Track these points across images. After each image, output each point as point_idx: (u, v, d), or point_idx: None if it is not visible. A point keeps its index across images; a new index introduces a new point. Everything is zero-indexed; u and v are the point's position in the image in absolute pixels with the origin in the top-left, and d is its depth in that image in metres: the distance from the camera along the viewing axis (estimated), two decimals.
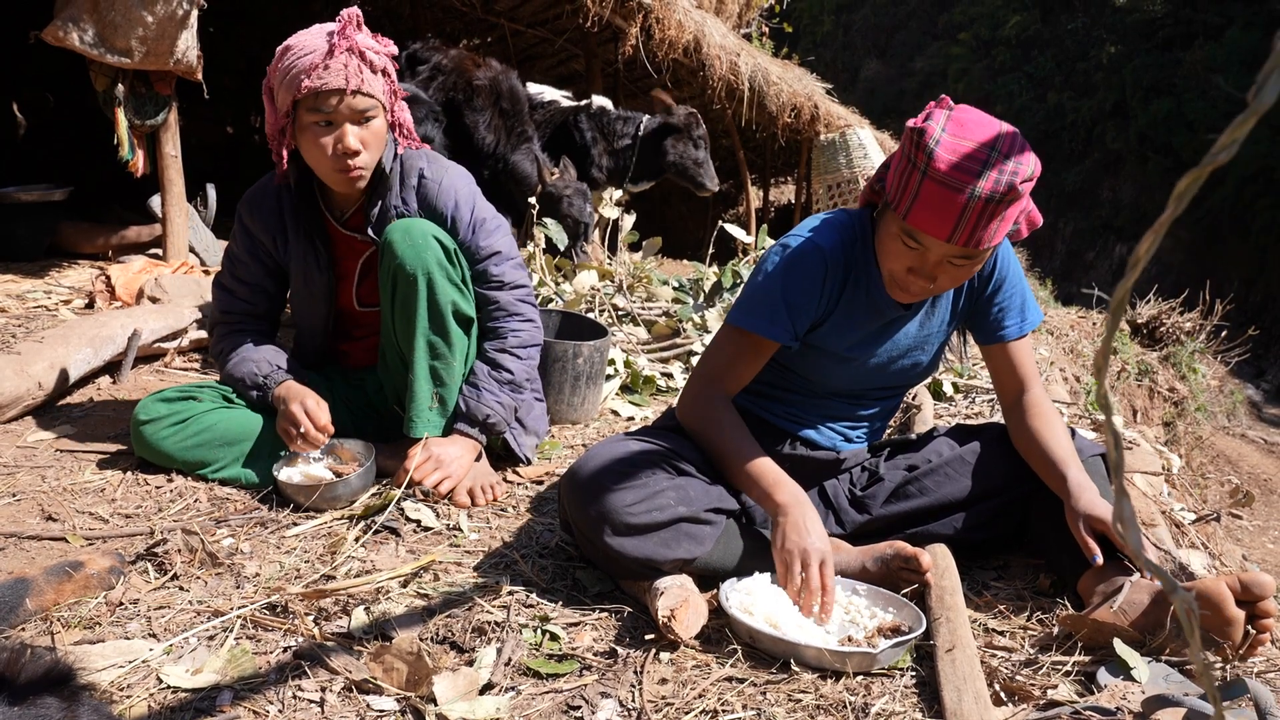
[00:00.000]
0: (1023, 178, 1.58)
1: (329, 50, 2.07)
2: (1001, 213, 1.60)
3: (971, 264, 1.69)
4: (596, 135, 5.73)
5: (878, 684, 1.49)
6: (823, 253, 1.85)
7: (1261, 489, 9.65)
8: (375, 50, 2.14)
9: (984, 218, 1.59)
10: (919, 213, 1.63)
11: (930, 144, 1.59)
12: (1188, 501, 3.77)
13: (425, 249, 2.18)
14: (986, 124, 1.62)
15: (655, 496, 1.69)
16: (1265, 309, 21.72)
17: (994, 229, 1.62)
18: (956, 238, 1.61)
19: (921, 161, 1.60)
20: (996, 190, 1.56)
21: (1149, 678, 1.45)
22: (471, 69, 4.82)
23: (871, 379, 2.00)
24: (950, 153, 1.58)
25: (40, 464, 2.31)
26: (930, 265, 1.70)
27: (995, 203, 1.58)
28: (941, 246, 1.65)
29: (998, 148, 1.58)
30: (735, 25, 10.08)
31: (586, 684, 1.45)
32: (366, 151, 2.17)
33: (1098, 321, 8.84)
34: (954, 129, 1.61)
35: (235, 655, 1.48)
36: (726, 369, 1.89)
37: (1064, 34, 31.86)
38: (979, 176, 1.56)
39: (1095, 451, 1.95)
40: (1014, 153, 1.59)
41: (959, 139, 1.59)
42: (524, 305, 2.40)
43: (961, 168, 1.57)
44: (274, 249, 2.38)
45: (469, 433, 2.30)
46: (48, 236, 4.59)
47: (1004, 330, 1.96)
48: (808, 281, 1.84)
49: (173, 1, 3.76)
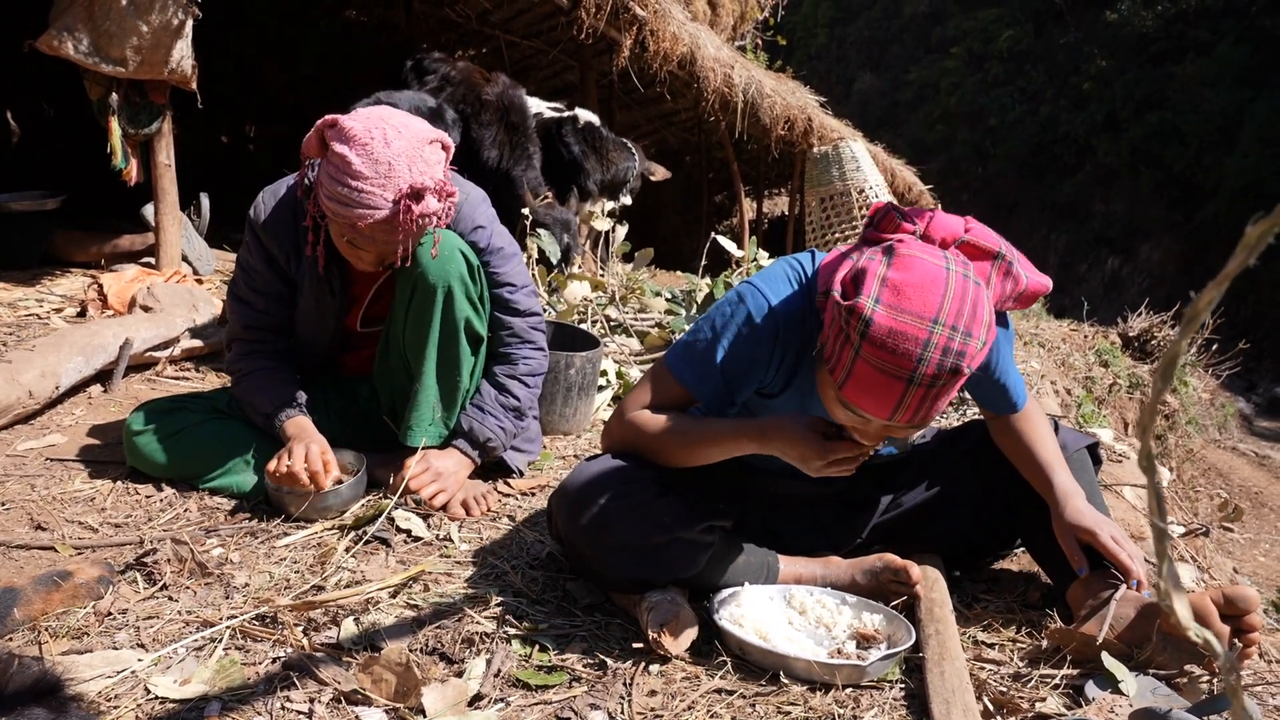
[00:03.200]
0: (970, 356, 1.40)
1: (393, 223, 1.96)
2: (948, 391, 1.43)
3: (912, 434, 1.59)
4: (587, 150, 5.73)
5: (867, 696, 1.49)
6: (774, 319, 1.70)
7: (1253, 502, 9.67)
8: (436, 216, 2.01)
9: (928, 400, 1.42)
10: (853, 391, 1.45)
11: (861, 325, 1.40)
12: (1178, 515, 3.78)
13: (450, 261, 2.18)
14: (930, 285, 1.41)
15: (646, 511, 1.69)
16: (1256, 322, 21.80)
17: (936, 408, 1.45)
18: (898, 418, 1.44)
19: (854, 339, 1.42)
20: (940, 374, 1.39)
21: (1136, 691, 1.46)
22: (480, 83, 4.83)
23: None
24: (885, 334, 1.39)
25: (30, 473, 2.30)
26: (873, 431, 1.52)
27: (939, 386, 1.41)
28: (880, 423, 1.48)
29: (942, 320, 1.38)
30: (729, 38, 10.12)
31: (576, 696, 1.45)
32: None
33: (1089, 334, 8.87)
34: (890, 297, 1.40)
35: (224, 666, 1.48)
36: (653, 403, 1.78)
37: (1056, 48, 32.04)
38: (920, 361, 1.38)
39: (1080, 444, 1.92)
40: (962, 320, 1.40)
41: (896, 314, 1.39)
42: (535, 333, 2.42)
43: (899, 352, 1.38)
44: (286, 264, 2.31)
45: (467, 452, 2.30)
46: (41, 245, 4.57)
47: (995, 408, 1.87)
48: (753, 350, 1.71)
49: (168, 11, 3.76)
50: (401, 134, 1.96)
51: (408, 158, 1.94)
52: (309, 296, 2.33)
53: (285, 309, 2.37)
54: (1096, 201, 29.36)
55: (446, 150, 2.09)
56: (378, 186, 1.92)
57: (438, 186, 1.99)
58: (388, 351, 2.36)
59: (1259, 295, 22.56)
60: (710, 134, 11.88)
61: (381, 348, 2.38)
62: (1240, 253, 0.43)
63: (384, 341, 2.37)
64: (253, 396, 2.28)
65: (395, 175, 1.93)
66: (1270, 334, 21.83)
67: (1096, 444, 1.97)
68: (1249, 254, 0.43)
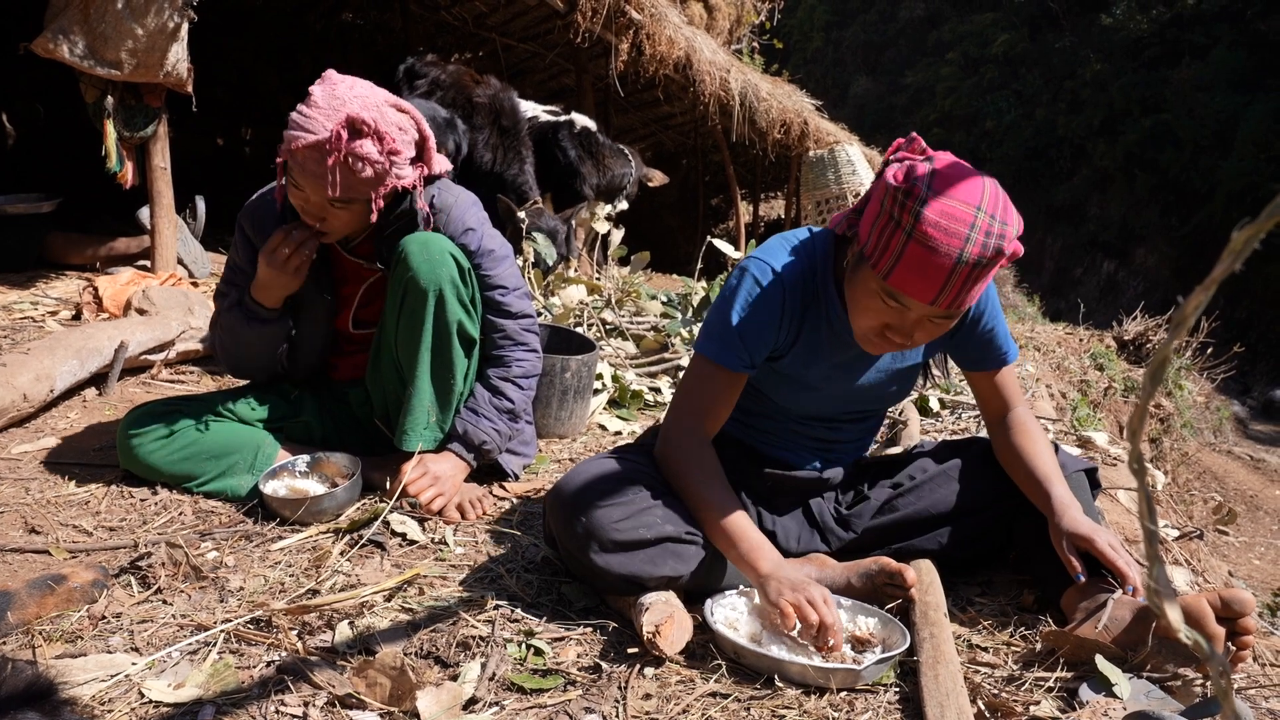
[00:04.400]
0: (1010, 239, 1.54)
1: (323, 148, 2.00)
2: (987, 274, 1.56)
3: (949, 322, 1.64)
4: (583, 155, 5.74)
5: (861, 700, 1.49)
6: (780, 281, 1.81)
7: (1247, 505, 9.69)
8: (369, 160, 2.04)
9: (970, 280, 1.54)
10: (902, 274, 1.56)
11: (916, 205, 1.53)
12: (1172, 518, 3.79)
13: (441, 265, 2.18)
14: (971, 181, 1.56)
15: (641, 514, 1.70)
16: (1251, 325, 21.87)
17: (978, 290, 1.58)
18: (941, 300, 1.56)
19: (907, 222, 1.54)
20: (984, 255, 1.52)
21: (1130, 694, 1.46)
22: (471, 86, 4.84)
23: (843, 405, 2.00)
24: (938, 215, 1.52)
25: (24, 476, 2.29)
26: (909, 324, 1.63)
27: (982, 266, 1.53)
28: (923, 308, 1.59)
29: (984, 208, 1.53)
30: (726, 42, 10.14)
31: (571, 699, 1.45)
32: (333, 225, 2.15)
33: (1084, 338, 8.89)
34: (940, 185, 1.54)
35: (218, 670, 1.47)
36: (702, 406, 1.83)
37: (1051, 52, 32.14)
38: (967, 241, 1.51)
39: (1079, 467, 1.96)
40: (999, 211, 1.54)
41: (946, 199, 1.53)
42: (529, 335, 2.41)
43: (950, 231, 1.51)
44: None
45: (463, 455, 2.30)
46: (36, 247, 4.57)
47: (986, 361, 1.95)
48: (763, 312, 1.80)
49: (163, 14, 3.76)
50: (374, 91, 2.07)
51: (363, 102, 2.03)
52: (301, 299, 2.34)
53: None
54: (1092, 205, 29.44)
55: (425, 138, 2.17)
56: (322, 114, 2.00)
57: (379, 133, 2.04)
58: (379, 355, 2.36)
59: (1253, 299, 22.63)
60: (706, 137, 11.90)
61: (374, 351, 2.39)
62: (1226, 258, 0.43)
63: (376, 345, 2.37)
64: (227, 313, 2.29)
65: (343, 109, 2.00)
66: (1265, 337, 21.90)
67: (1095, 469, 1.98)
68: (1235, 259, 0.43)
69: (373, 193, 2.10)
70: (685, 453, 1.81)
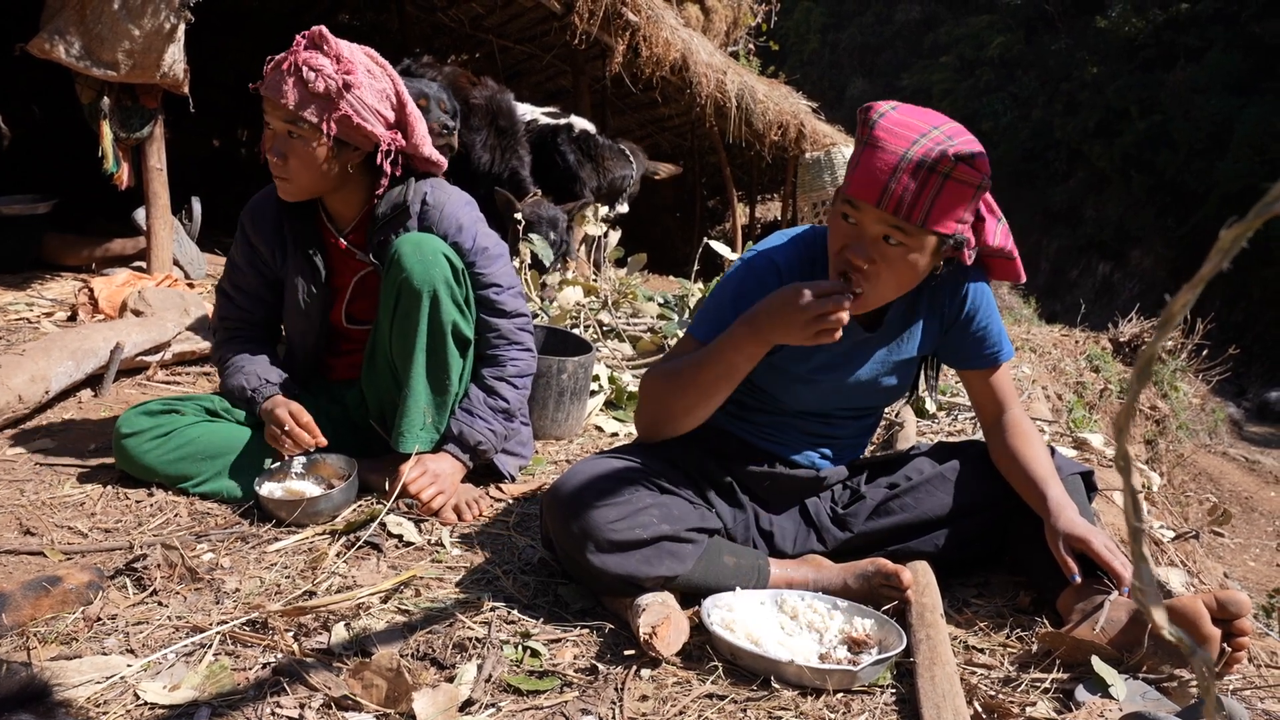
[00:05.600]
0: (956, 154, 1.57)
1: (279, 62, 2.12)
2: (934, 186, 1.58)
3: (903, 245, 1.64)
4: (582, 158, 5.74)
5: (858, 701, 1.49)
6: (777, 267, 1.86)
7: (1243, 506, 9.71)
8: (322, 73, 2.11)
9: (914, 183, 1.58)
10: (854, 179, 1.64)
11: (874, 118, 1.63)
12: (1167, 519, 3.79)
13: (434, 265, 2.18)
14: (938, 115, 1.65)
15: (638, 514, 1.70)
16: (1246, 327, 21.92)
17: (925, 202, 1.59)
18: (885, 202, 1.59)
19: (865, 135, 1.63)
20: (928, 156, 1.57)
21: (1126, 695, 1.46)
22: (468, 87, 4.84)
23: (839, 400, 2.00)
24: (891, 123, 1.62)
25: (19, 477, 2.29)
26: (866, 240, 1.65)
27: (926, 169, 1.57)
28: (873, 214, 1.62)
29: (941, 128, 1.61)
30: (722, 43, 10.15)
31: (567, 701, 1.45)
32: (288, 165, 2.17)
33: (1080, 340, 8.90)
34: (902, 110, 1.65)
35: (214, 672, 1.47)
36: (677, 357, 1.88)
37: (1047, 54, 32.20)
38: (914, 143, 1.58)
39: (1074, 470, 1.96)
40: (957, 134, 1.61)
41: (904, 115, 1.63)
42: (523, 334, 2.41)
43: (898, 135, 1.60)
44: (272, 260, 2.38)
45: (459, 456, 2.30)
46: (31, 248, 4.56)
47: (981, 360, 1.96)
48: (760, 295, 1.79)
49: (160, 15, 3.76)
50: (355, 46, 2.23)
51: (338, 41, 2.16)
52: (293, 291, 2.36)
53: (264, 309, 2.46)
54: (1088, 207, 29.48)
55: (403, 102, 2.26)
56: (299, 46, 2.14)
57: (338, 54, 2.13)
58: (374, 356, 2.36)
59: (1250, 301, 22.67)
60: (703, 139, 11.90)
61: (368, 353, 2.39)
62: (1214, 256, 0.44)
63: (370, 346, 2.37)
64: (231, 382, 2.35)
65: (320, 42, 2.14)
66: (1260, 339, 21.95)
67: (1091, 472, 1.98)
68: (1223, 257, 0.44)
69: (325, 118, 2.13)
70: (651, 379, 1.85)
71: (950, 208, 1.61)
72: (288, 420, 2.21)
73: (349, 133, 2.18)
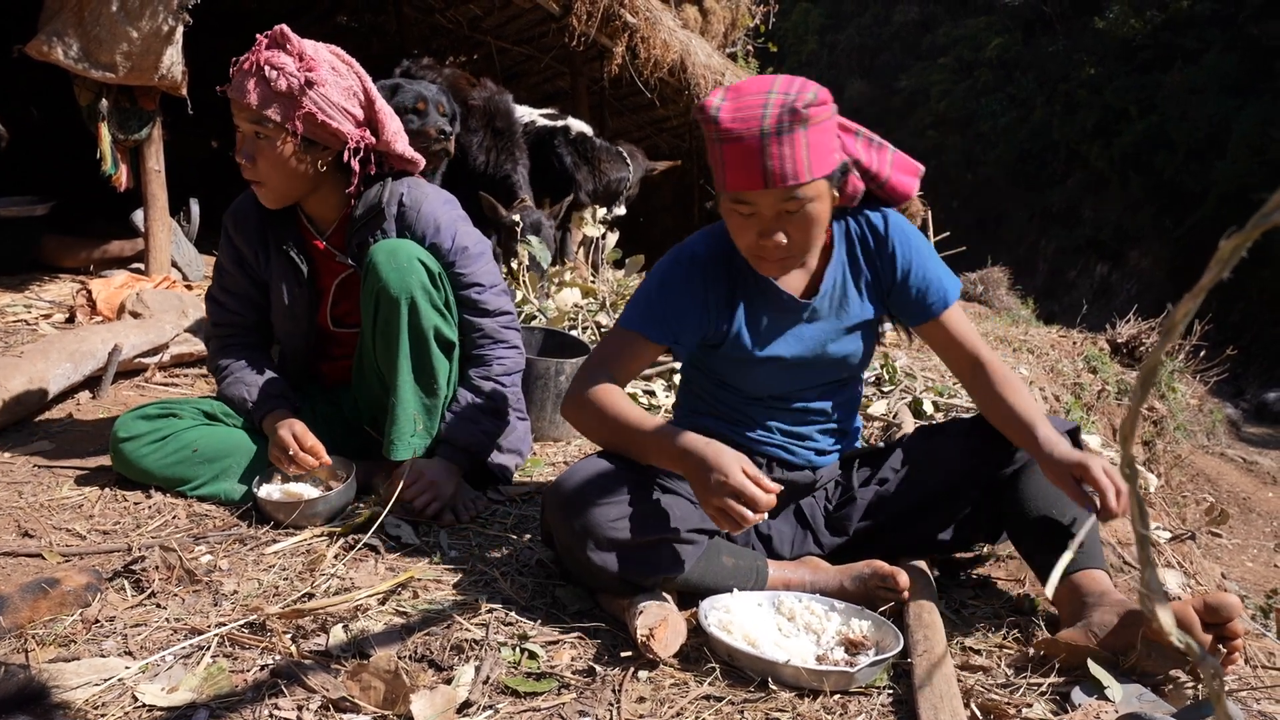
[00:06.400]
0: (804, 102, 1.63)
1: (242, 62, 2.13)
2: (798, 140, 1.64)
3: (803, 204, 1.69)
4: (578, 160, 5.74)
5: (854, 702, 1.49)
6: (698, 260, 1.91)
7: (1240, 507, 9.71)
8: (284, 71, 2.10)
9: (785, 148, 1.63)
10: (730, 176, 1.68)
11: (713, 114, 1.66)
12: (1165, 520, 3.80)
13: (410, 272, 2.17)
14: (761, 79, 1.70)
15: (639, 513, 1.70)
16: (1244, 328, 21.92)
17: (802, 159, 1.65)
18: (771, 180, 1.65)
19: (712, 132, 1.67)
20: (783, 119, 1.62)
21: (1122, 697, 1.46)
22: (466, 88, 4.84)
23: (803, 377, 1.99)
24: (731, 111, 1.65)
25: (17, 480, 2.29)
26: (768, 221, 1.71)
27: (785, 132, 1.62)
28: (766, 196, 1.68)
29: (775, 89, 1.66)
30: (720, 45, 10.14)
31: (565, 702, 1.45)
32: (257, 167, 2.18)
33: (1078, 341, 8.91)
34: (730, 95, 1.69)
35: (212, 673, 1.47)
36: (607, 355, 1.90)
37: (1045, 56, 32.21)
38: (763, 118, 1.62)
39: (1062, 428, 1.89)
40: (792, 86, 1.67)
41: (736, 98, 1.67)
42: (508, 332, 2.40)
43: (744, 117, 1.64)
44: (256, 263, 2.38)
45: (453, 458, 2.29)
46: (29, 250, 4.56)
47: (930, 306, 1.95)
48: (682, 286, 1.89)
49: (158, 17, 3.76)
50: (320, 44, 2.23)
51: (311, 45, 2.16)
52: (278, 293, 2.36)
53: (255, 312, 2.45)
54: (1086, 208, 29.48)
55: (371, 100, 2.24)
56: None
57: (300, 52, 2.13)
58: (362, 364, 2.36)
59: (1247, 302, 22.69)
60: (702, 140, 11.88)
61: (356, 360, 2.39)
62: (1214, 267, 0.44)
63: (358, 354, 2.37)
64: (231, 392, 2.35)
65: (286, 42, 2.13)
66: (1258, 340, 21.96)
67: (1078, 428, 1.94)
68: (1222, 268, 0.44)
69: (289, 117, 2.12)
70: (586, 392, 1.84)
71: (822, 147, 1.68)
72: (291, 444, 2.20)
73: (315, 131, 2.17)
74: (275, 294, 2.38)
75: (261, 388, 2.33)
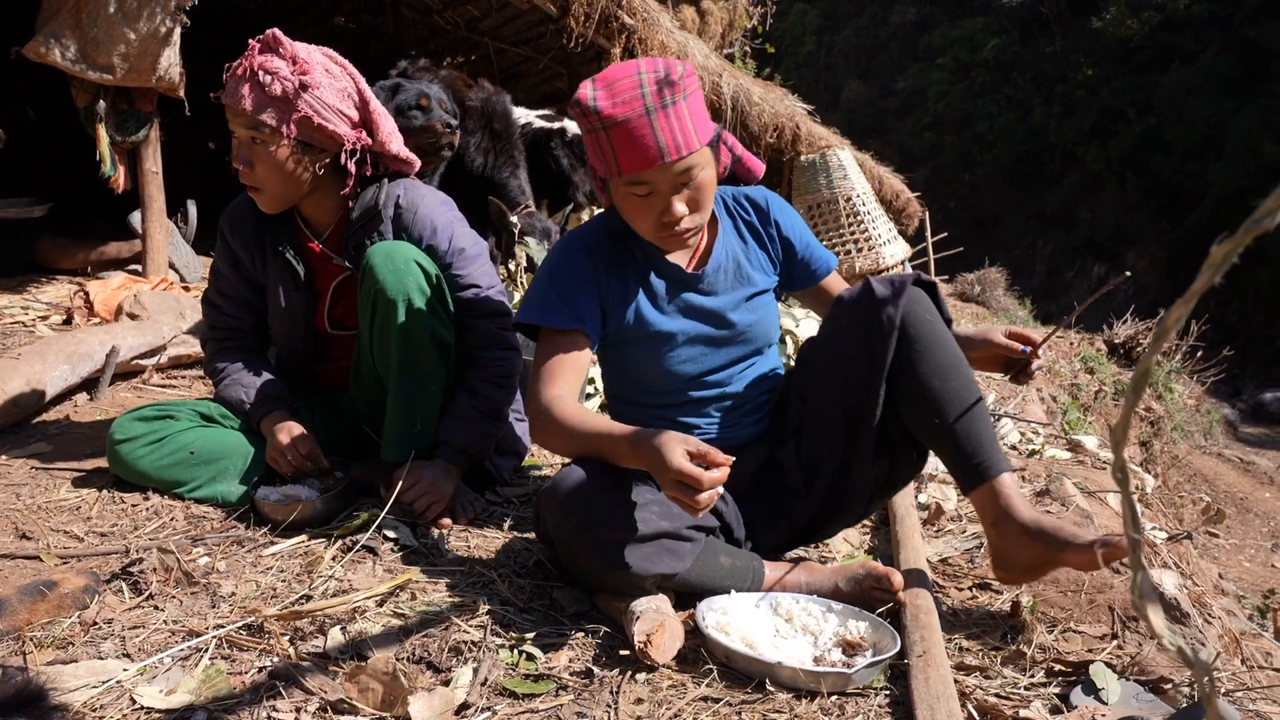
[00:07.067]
0: (676, 73, 1.72)
1: (235, 68, 2.13)
2: (681, 111, 1.72)
3: (695, 174, 1.77)
4: (575, 163, 5.74)
5: (852, 703, 1.50)
6: (581, 238, 1.97)
7: (1237, 507, 9.73)
8: (278, 75, 2.10)
9: (671, 122, 1.71)
10: (625, 161, 1.74)
11: (591, 104, 1.73)
12: (1161, 521, 3.81)
13: (406, 275, 2.17)
14: (623, 65, 1.76)
15: (637, 510, 1.70)
16: (1241, 329, 21.97)
17: (688, 128, 1.73)
18: (668, 153, 1.71)
19: (595, 123, 1.73)
20: (662, 95, 1.70)
21: (1120, 697, 1.47)
22: (464, 89, 4.84)
23: (714, 354, 2.01)
24: (608, 97, 1.72)
25: (15, 481, 2.29)
26: (666, 197, 1.78)
27: (668, 105, 1.71)
28: (663, 173, 1.74)
29: (642, 69, 1.73)
30: (718, 46, 10.16)
31: (563, 704, 1.45)
32: (255, 173, 2.18)
33: (1075, 341, 8.92)
34: (600, 84, 1.75)
35: (210, 675, 1.47)
36: (545, 373, 1.88)
37: (1042, 57, 32.27)
38: (643, 96, 1.70)
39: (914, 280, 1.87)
40: (659, 65, 1.75)
41: (607, 85, 1.74)
42: (505, 334, 2.39)
43: (625, 100, 1.71)
44: (252, 265, 2.38)
45: (451, 460, 2.28)
46: (27, 252, 4.56)
47: (814, 271, 2.12)
48: (572, 271, 1.93)
49: (155, 19, 3.76)
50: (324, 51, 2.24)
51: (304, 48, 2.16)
52: (275, 296, 2.36)
53: (252, 315, 2.46)
54: (1083, 209, 29.55)
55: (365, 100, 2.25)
56: None
57: (294, 56, 2.13)
58: (359, 365, 2.36)
59: (1244, 302, 22.73)
60: None
61: (354, 363, 2.39)
62: (1206, 272, 0.44)
63: (356, 356, 2.37)
64: (228, 394, 2.36)
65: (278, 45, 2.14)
66: (1254, 341, 22.00)
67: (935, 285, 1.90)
68: (1214, 273, 0.44)
69: (284, 120, 2.13)
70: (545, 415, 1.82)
71: (700, 115, 1.77)
72: (290, 451, 2.21)
73: (311, 134, 2.17)
74: (272, 297, 2.38)
75: (259, 389, 2.33)
